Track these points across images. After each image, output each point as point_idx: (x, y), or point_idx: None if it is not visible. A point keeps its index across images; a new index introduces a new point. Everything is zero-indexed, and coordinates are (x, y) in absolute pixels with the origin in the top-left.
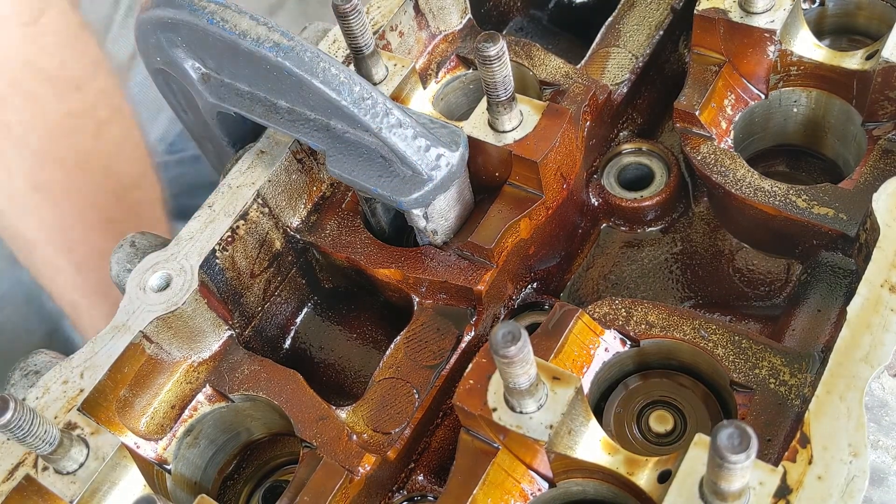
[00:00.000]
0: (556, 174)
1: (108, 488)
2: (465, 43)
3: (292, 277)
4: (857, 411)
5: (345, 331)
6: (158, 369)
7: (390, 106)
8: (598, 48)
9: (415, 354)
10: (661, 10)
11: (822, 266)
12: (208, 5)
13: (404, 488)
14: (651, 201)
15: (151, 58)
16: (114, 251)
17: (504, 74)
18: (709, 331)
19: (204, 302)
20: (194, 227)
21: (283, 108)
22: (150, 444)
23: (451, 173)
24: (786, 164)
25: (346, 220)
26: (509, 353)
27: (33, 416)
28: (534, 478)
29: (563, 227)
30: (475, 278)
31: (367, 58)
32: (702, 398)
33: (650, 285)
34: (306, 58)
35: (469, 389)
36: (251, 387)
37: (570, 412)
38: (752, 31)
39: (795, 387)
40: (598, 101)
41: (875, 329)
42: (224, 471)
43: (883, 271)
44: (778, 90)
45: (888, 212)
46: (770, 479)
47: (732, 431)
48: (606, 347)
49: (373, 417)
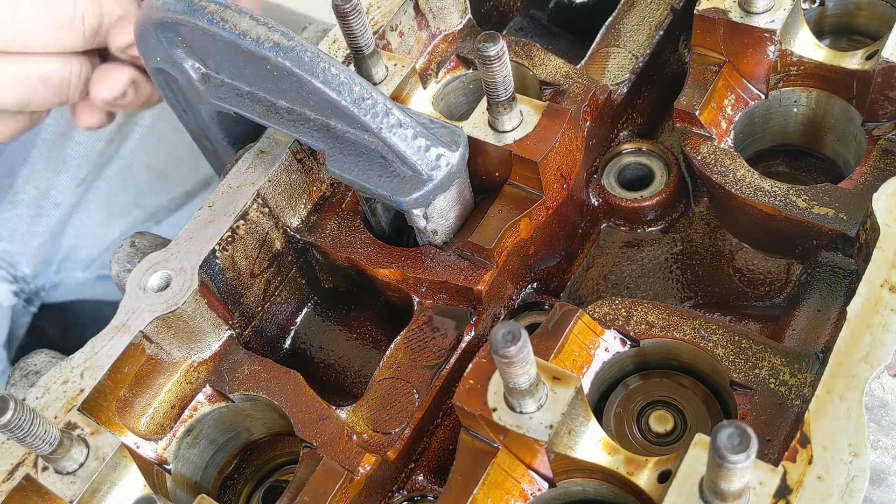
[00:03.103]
0: (556, 174)
1: (108, 488)
2: (465, 43)
3: (292, 277)
4: (857, 411)
5: (345, 331)
6: (158, 369)
7: (390, 106)
8: (598, 48)
9: (415, 354)
10: (661, 10)
11: (822, 266)
12: (208, 5)
13: (404, 488)
14: (651, 201)
15: (151, 57)
16: (114, 251)
17: (504, 74)
18: (709, 331)
19: (204, 302)
20: (194, 227)
21: (283, 108)
22: (150, 444)
23: (451, 173)
24: (786, 164)
25: (346, 220)
26: (509, 353)
27: (33, 416)
28: (534, 478)
29: (563, 227)
30: (475, 278)
31: (367, 58)
32: (702, 398)
33: (650, 285)
34: (306, 58)
35: (469, 389)
36: (251, 387)
37: (570, 412)
38: (752, 31)
39: (795, 387)
40: (598, 101)
41: (875, 329)
42: (224, 471)
43: (883, 271)
44: (778, 90)
45: (888, 212)
46: (770, 479)
47: (732, 431)
48: (606, 347)
49: (373, 417)
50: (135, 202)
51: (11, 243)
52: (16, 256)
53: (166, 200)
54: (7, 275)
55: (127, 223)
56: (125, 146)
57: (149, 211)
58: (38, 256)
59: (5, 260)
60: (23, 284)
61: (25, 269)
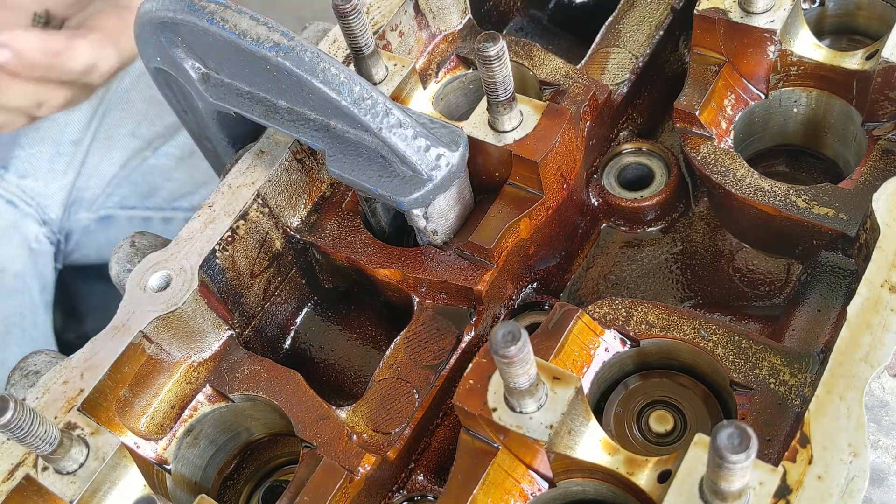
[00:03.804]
0: (556, 174)
1: (108, 488)
2: (465, 43)
3: (292, 277)
4: (857, 411)
5: (345, 331)
6: (158, 369)
7: (390, 106)
8: (598, 48)
9: (415, 354)
10: (661, 10)
11: (822, 266)
12: (208, 5)
13: (404, 488)
14: (651, 201)
15: (151, 57)
16: (114, 251)
17: (504, 74)
18: (709, 331)
19: (204, 302)
20: (194, 227)
21: (283, 108)
22: (150, 444)
23: (451, 173)
24: (786, 164)
25: (346, 220)
26: (509, 353)
27: (33, 416)
28: (534, 478)
29: (563, 227)
30: (475, 278)
31: (367, 58)
32: (702, 398)
33: (650, 285)
34: (306, 58)
35: (469, 389)
36: (251, 387)
37: (570, 412)
38: (752, 31)
39: (795, 387)
40: (598, 101)
41: (875, 329)
42: (224, 471)
43: (883, 271)
44: (778, 90)
45: (888, 212)
46: (770, 479)
47: (732, 431)
48: (606, 347)
49: (373, 417)
50: (132, 132)
51: (38, 181)
52: (44, 199)
53: (162, 127)
54: (37, 217)
55: (125, 155)
56: (125, 80)
57: (145, 140)
58: (59, 197)
59: (34, 199)
60: (52, 227)
61: (51, 213)
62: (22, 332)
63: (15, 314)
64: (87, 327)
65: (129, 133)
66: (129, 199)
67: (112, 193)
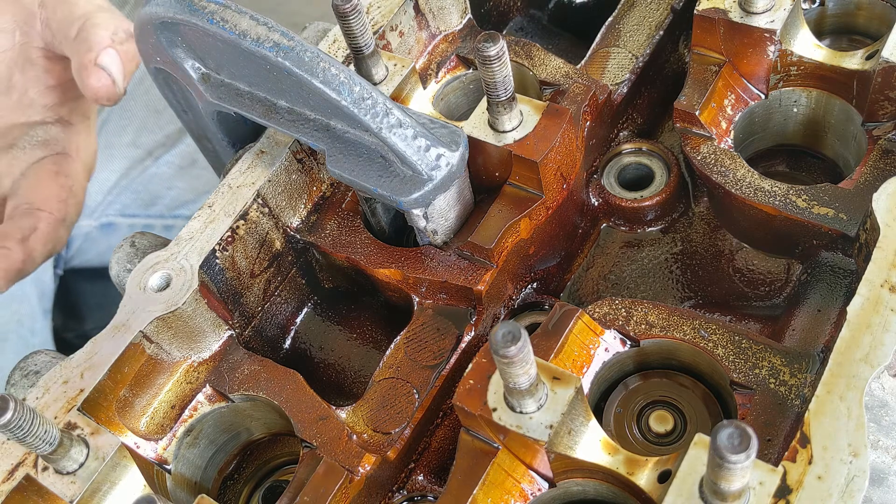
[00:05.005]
0: (556, 174)
1: (108, 488)
2: (465, 43)
3: (292, 277)
4: (857, 411)
5: (345, 331)
6: (158, 369)
7: (390, 106)
8: (598, 48)
9: (415, 354)
10: (661, 10)
11: (822, 266)
12: (208, 5)
13: (404, 488)
14: (651, 201)
15: (151, 57)
16: (114, 251)
17: (504, 74)
18: (709, 331)
19: (204, 302)
20: (194, 227)
21: (283, 108)
22: (150, 444)
23: (451, 173)
24: (786, 164)
25: (346, 220)
26: (509, 353)
27: (33, 416)
28: (534, 478)
29: (563, 227)
30: (475, 278)
31: (367, 58)
32: (702, 398)
33: (650, 285)
34: (306, 58)
35: (469, 389)
36: (251, 387)
37: (570, 412)
38: (752, 31)
39: (795, 387)
40: (598, 101)
41: (875, 329)
42: (224, 471)
43: (883, 271)
44: (778, 90)
45: (888, 212)
46: (770, 479)
47: (732, 431)
48: (606, 347)
49: (373, 417)
50: (133, 142)
51: None
52: None
53: (162, 137)
54: None
55: (125, 164)
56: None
57: (146, 149)
58: None
59: None
60: None
61: None
62: (19, 340)
63: (13, 321)
64: (87, 327)
65: (130, 142)
66: (130, 207)
67: (113, 202)
